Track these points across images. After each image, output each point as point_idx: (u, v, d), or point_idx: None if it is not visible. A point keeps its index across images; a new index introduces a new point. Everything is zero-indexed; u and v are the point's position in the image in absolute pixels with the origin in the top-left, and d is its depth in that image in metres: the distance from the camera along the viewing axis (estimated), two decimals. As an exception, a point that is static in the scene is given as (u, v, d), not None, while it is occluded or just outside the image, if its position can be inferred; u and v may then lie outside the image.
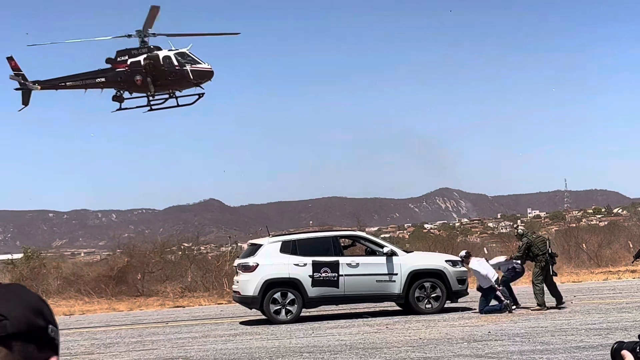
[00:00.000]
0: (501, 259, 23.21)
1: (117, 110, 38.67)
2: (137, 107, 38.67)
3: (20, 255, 43.88)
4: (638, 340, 2.38)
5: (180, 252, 45.54)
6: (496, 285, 21.71)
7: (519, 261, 22.07)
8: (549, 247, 21.68)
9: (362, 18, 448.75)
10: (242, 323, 22.52)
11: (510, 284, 22.31)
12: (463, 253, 22.89)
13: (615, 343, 2.46)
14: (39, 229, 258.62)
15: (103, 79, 37.83)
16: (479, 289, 21.81)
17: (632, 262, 24.46)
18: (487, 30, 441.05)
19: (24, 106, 38.55)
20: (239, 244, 56.56)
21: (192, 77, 37.11)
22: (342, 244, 23.38)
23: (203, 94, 38.31)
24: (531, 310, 21.05)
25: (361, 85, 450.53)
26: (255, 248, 22.77)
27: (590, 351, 13.45)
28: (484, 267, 21.95)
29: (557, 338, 15.43)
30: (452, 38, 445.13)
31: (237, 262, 23.14)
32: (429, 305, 22.18)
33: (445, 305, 22.50)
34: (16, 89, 38.07)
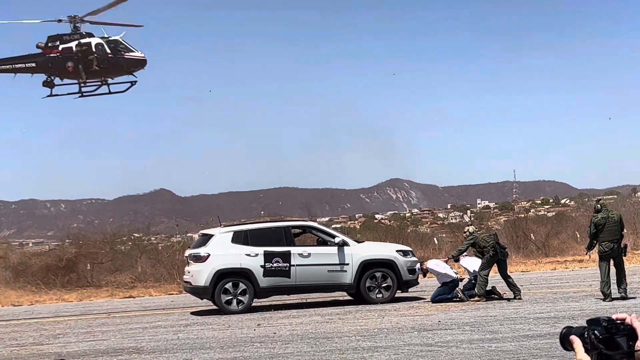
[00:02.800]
0: (439, 267, 22.80)
1: (48, 96, 38.13)
2: (68, 93, 38.22)
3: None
4: (586, 325, 2.43)
5: (130, 243, 45.23)
6: (459, 281, 22.00)
7: (453, 275, 22.17)
8: (496, 239, 21.85)
9: (316, 5, 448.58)
10: (193, 313, 22.46)
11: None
12: (418, 265, 22.91)
13: (564, 328, 2.52)
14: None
15: (33, 64, 37.28)
16: (442, 284, 22.03)
17: (586, 254, 24.69)
18: (434, 18, 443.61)
19: None
20: (189, 235, 56.32)
21: (125, 65, 36.85)
22: (294, 234, 23.41)
23: (135, 81, 38.04)
24: (470, 300, 21.25)
25: (313, 74, 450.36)
26: (206, 238, 22.71)
27: (538, 340, 13.65)
28: (442, 267, 22.29)
29: (505, 327, 15.63)
30: (402, 26, 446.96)
31: (188, 252, 23.06)
32: (379, 295, 22.32)
33: (396, 295, 22.66)
34: None
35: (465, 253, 22.40)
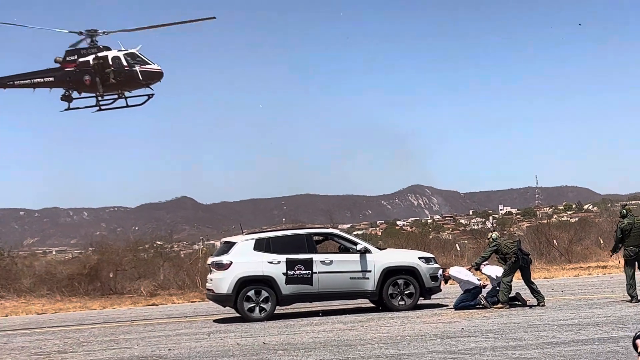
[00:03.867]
0: (461, 274, 22.72)
1: (66, 110, 38.42)
2: (86, 107, 38.49)
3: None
4: None
5: (152, 251, 45.38)
6: (482, 288, 21.93)
7: (476, 282, 22.08)
8: (519, 246, 21.76)
9: (335, 14, 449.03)
10: (215, 321, 22.50)
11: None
12: (440, 271, 22.85)
13: (638, 331, 2.57)
14: (10, 227, 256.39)
15: (51, 79, 37.57)
16: (465, 291, 21.98)
17: (611, 256, 24.74)
18: (452, 29, 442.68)
19: None
20: (211, 242, 56.48)
21: (141, 77, 37.02)
22: (316, 242, 23.41)
23: (152, 94, 38.20)
24: (493, 307, 21.18)
25: (334, 82, 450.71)
26: (228, 246, 22.75)
27: (562, 347, 13.58)
28: (464, 274, 22.22)
29: (529, 334, 15.56)
30: (423, 35, 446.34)
31: (210, 260, 23.11)
32: (402, 302, 22.28)
33: (419, 302, 22.61)
34: None
35: (487, 262, 22.30)
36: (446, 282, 23.08)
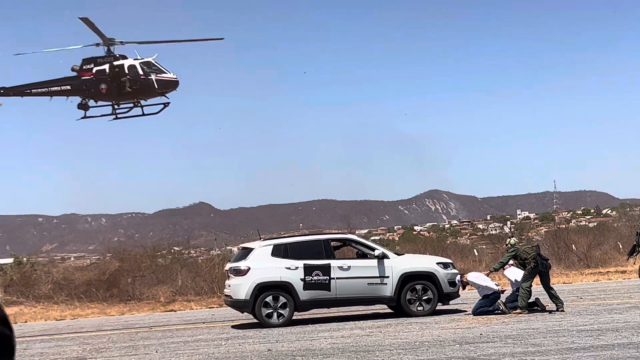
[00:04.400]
0: (479, 279, 22.64)
1: (82, 118, 38.59)
2: (102, 115, 38.66)
3: (9, 260, 43.79)
4: None
5: (170, 256, 45.49)
6: (500, 293, 21.85)
7: (495, 287, 21.98)
8: (538, 251, 21.67)
9: (354, 17, 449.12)
10: (233, 327, 22.52)
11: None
12: (458, 277, 22.79)
13: None
14: (29, 233, 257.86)
15: (68, 87, 37.77)
16: (484, 297, 21.90)
17: (627, 260, 24.69)
18: (469, 34, 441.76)
19: None
20: (229, 248, 56.57)
21: (157, 86, 37.17)
22: (334, 248, 23.40)
23: (168, 103, 38.37)
24: (512, 313, 21.10)
25: (351, 87, 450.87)
26: (246, 252, 22.78)
27: (582, 352, 13.51)
28: (482, 279, 22.15)
29: (548, 340, 15.49)
30: (442, 38, 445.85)
31: (228, 266, 23.14)
32: (420, 308, 22.23)
33: (437, 308, 22.56)
34: None
35: (511, 263, 22.16)
36: (464, 288, 23.01)
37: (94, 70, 37.44)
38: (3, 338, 1.41)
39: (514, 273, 22.03)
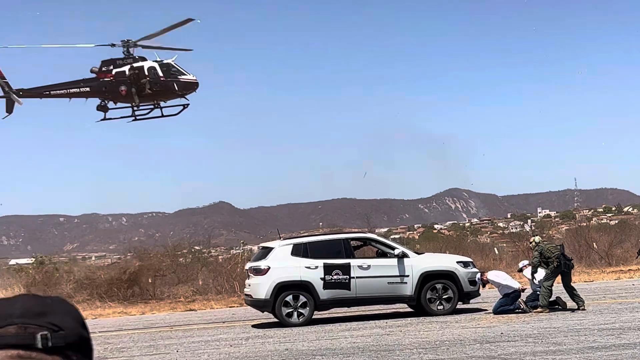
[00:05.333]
0: (499, 278, 22.53)
1: (102, 120, 38.64)
2: (122, 117, 38.69)
3: (30, 261, 44.07)
4: None
5: (191, 256, 45.63)
6: (521, 292, 21.74)
7: (515, 285, 21.85)
8: (562, 250, 21.57)
9: (371, 14, 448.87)
10: (254, 326, 22.56)
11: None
12: (479, 275, 22.69)
13: None
14: (50, 233, 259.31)
15: (87, 89, 37.79)
16: (504, 296, 21.80)
17: (636, 258, 24.52)
18: (489, 31, 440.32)
19: (7, 114, 38.19)
20: (249, 247, 56.68)
21: (176, 88, 37.20)
22: (354, 247, 23.39)
23: (188, 104, 38.37)
24: (533, 312, 21.01)
25: (370, 85, 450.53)
26: (266, 251, 22.82)
27: (603, 351, 13.45)
28: (502, 277, 22.06)
29: (570, 339, 15.43)
30: (461, 35, 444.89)
31: (248, 265, 23.18)
32: (440, 307, 22.18)
33: (457, 307, 22.50)
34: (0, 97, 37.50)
35: (534, 262, 21.83)
36: (484, 286, 22.94)
37: (113, 72, 37.51)
38: (82, 340, 1.50)
39: (536, 273, 21.91)
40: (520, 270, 22.67)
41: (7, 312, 1.52)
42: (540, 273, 21.72)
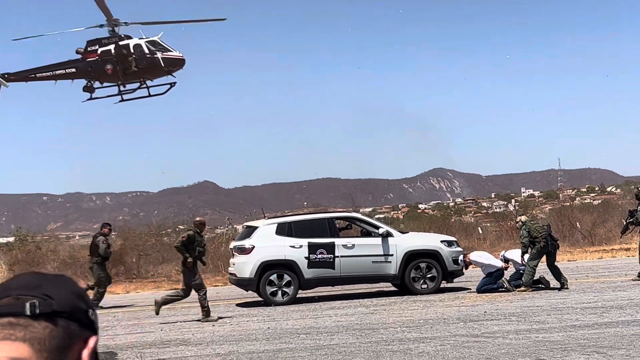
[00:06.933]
0: (482, 258, 22.57)
1: (88, 100, 38.45)
2: (108, 96, 38.49)
3: (12, 239, 43.86)
4: None
5: (175, 235, 45.55)
6: (504, 270, 21.80)
7: (498, 264, 21.92)
8: (549, 230, 21.65)
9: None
10: (238, 305, 22.58)
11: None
12: (461, 257, 22.69)
13: None
14: (34, 212, 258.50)
15: (74, 70, 37.58)
16: (487, 275, 21.85)
17: (621, 237, 24.73)
18: (475, 10, 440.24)
19: None
20: (234, 226, 56.62)
21: (163, 65, 37.00)
22: (339, 228, 23.41)
23: (175, 83, 38.18)
24: (516, 290, 21.09)
25: (354, 65, 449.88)
26: (250, 230, 22.81)
27: (586, 330, 13.53)
28: (485, 257, 22.15)
29: (552, 317, 15.52)
30: (446, 17, 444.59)
31: (233, 244, 23.17)
32: (424, 286, 22.25)
33: (441, 286, 22.59)
34: None
35: (524, 241, 21.73)
36: (467, 268, 23.01)
37: (99, 51, 37.28)
38: (75, 309, 1.56)
39: (516, 254, 22.00)
40: (507, 261, 22.40)
41: (7, 286, 1.60)
42: (518, 253, 21.69)
